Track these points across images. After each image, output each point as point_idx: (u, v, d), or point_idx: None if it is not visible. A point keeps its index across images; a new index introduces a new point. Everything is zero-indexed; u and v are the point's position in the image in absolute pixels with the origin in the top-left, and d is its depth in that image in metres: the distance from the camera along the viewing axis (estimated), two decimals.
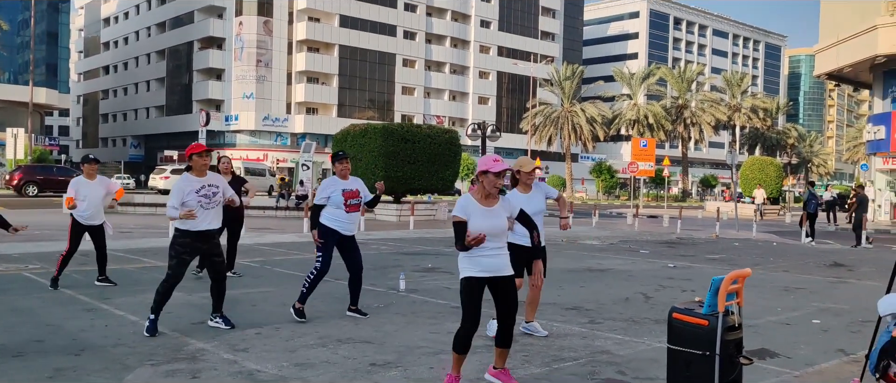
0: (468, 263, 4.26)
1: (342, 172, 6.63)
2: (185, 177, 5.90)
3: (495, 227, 4.27)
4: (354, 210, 6.61)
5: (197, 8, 64.96)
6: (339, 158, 6.66)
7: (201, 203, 5.85)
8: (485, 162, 4.32)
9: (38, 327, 6.08)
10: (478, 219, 4.21)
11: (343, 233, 6.58)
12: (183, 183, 5.84)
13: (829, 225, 27.39)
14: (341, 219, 6.56)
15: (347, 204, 6.53)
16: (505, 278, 4.31)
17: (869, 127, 32.58)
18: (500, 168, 4.25)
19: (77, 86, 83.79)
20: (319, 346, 5.59)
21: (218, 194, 5.99)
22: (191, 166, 5.96)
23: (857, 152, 75.92)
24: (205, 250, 5.97)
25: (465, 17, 73.98)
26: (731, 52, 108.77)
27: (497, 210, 4.31)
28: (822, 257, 14.31)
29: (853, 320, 7.24)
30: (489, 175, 4.26)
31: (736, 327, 3.75)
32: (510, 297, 4.33)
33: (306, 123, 63.45)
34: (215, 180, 6.03)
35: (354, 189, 6.62)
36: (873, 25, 28.07)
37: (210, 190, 5.93)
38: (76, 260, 8.93)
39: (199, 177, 5.92)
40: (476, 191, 4.33)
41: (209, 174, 6.01)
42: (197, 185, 5.87)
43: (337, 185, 6.56)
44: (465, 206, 4.25)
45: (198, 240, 5.88)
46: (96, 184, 8.03)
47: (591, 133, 62.24)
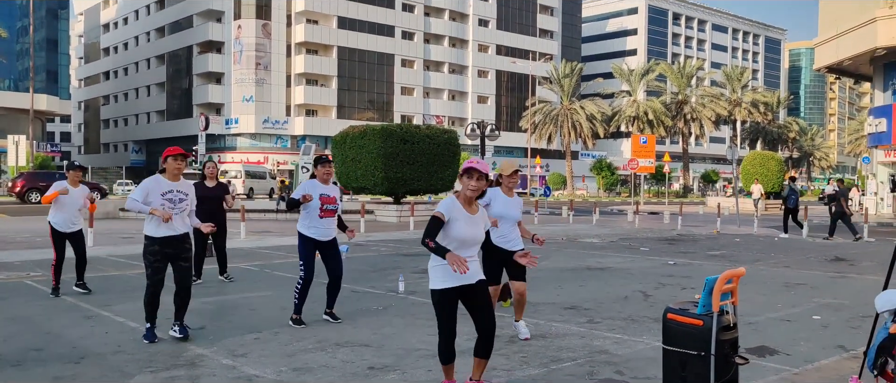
0: (440, 273, 4.02)
1: (324, 176, 6.55)
2: (155, 178, 5.85)
3: (476, 237, 4.10)
4: (329, 215, 6.49)
5: (196, 12, 65.03)
6: (323, 162, 6.60)
7: (165, 206, 5.75)
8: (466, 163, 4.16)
9: (37, 335, 6.08)
10: (461, 224, 4.02)
11: (320, 240, 6.50)
12: (151, 182, 5.79)
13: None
14: (317, 225, 6.47)
15: (323, 209, 6.44)
16: (478, 284, 4.10)
17: (870, 120, 32.56)
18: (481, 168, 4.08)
19: (78, 92, 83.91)
20: (318, 350, 5.60)
21: (185, 201, 5.87)
22: (164, 169, 5.87)
23: (859, 145, 75.87)
24: (172, 254, 5.86)
25: (462, 17, 73.98)
26: (731, 47, 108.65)
27: (477, 219, 4.14)
28: (823, 252, 14.29)
29: (854, 315, 7.23)
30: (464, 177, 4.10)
31: (731, 326, 3.75)
32: (486, 305, 4.10)
33: (306, 125, 63.49)
34: (186, 188, 5.94)
35: (332, 195, 6.55)
36: (873, 18, 28.04)
37: (177, 195, 5.83)
38: (69, 265, 8.94)
39: (170, 181, 5.85)
40: (460, 196, 4.15)
41: (181, 180, 5.92)
42: (164, 188, 5.79)
43: (316, 188, 6.49)
44: (451, 208, 4.04)
45: (165, 246, 5.79)
46: (78, 191, 7.99)
47: (590, 130, 62.21)
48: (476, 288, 4.09)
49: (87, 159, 79.37)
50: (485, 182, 4.11)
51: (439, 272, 4.03)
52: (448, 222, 3.98)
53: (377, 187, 23.85)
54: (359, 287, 8.79)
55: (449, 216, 3.99)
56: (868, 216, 20.71)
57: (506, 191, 5.94)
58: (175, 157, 5.85)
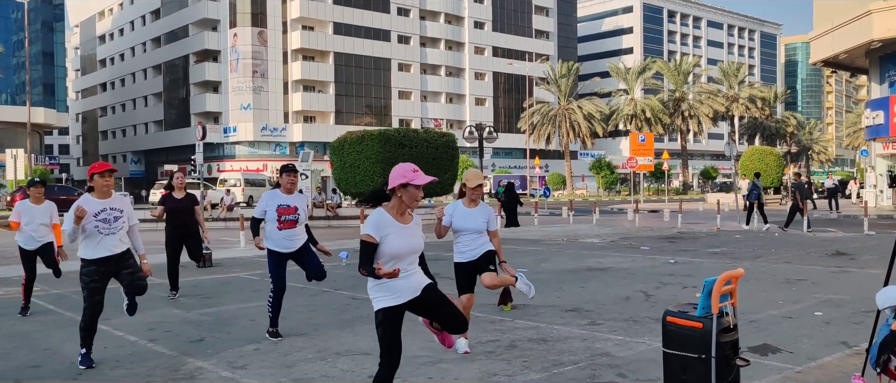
0: (380, 291, 3.71)
1: (287, 186, 6.34)
2: (84, 198, 5.36)
3: (413, 247, 3.77)
4: (289, 227, 6.27)
5: (191, 22, 65.06)
6: (288, 171, 6.40)
7: (98, 228, 5.32)
8: (403, 172, 3.71)
9: (35, 352, 6.05)
10: (395, 238, 3.68)
11: (283, 252, 6.30)
12: (83, 204, 5.27)
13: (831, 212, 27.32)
14: (275, 238, 6.26)
15: (281, 220, 6.23)
16: (424, 292, 3.82)
17: (867, 112, 32.56)
18: (423, 180, 3.73)
19: (75, 104, 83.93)
20: (318, 360, 5.56)
21: (121, 218, 5.45)
22: (92, 187, 5.45)
23: (857, 138, 75.85)
24: (115, 271, 5.48)
25: (458, 19, 74.03)
26: (727, 43, 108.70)
27: (412, 227, 3.79)
28: (823, 246, 14.26)
29: (856, 311, 7.20)
30: (410, 187, 3.70)
31: (731, 328, 3.72)
32: (437, 301, 3.85)
33: (304, 132, 63.49)
34: (119, 203, 5.50)
35: (292, 205, 6.30)
36: (867, 11, 28.04)
37: (112, 213, 5.39)
38: (75, 280, 8.90)
39: (100, 199, 5.39)
40: (391, 206, 3.76)
41: (113, 195, 5.49)
42: (97, 208, 5.33)
43: (275, 200, 6.29)
44: (379, 224, 3.67)
45: (104, 265, 5.41)
46: (40, 209, 7.66)
47: (589, 130, 62.22)
48: (425, 295, 3.82)
49: (86, 171, 79.27)
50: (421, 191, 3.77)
51: (380, 290, 3.72)
52: (380, 241, 3.66)
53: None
54: (358, 294, 8.75)
55: (379, 235, 3.66)
56: (868, 209, 20.69)
57: (468, 202, 5.81)
58: (101, 174, 5.38)
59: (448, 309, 3.89)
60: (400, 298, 3.72)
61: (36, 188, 7.70)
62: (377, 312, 3.75)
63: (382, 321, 3.71)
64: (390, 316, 3.71)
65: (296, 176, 6.43)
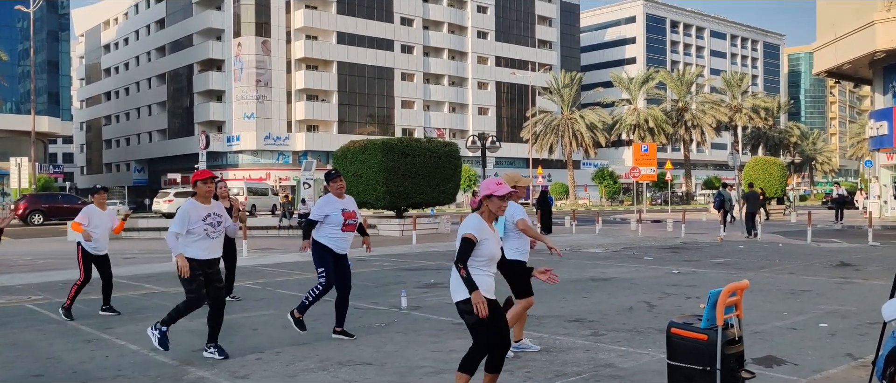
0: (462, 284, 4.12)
1: (338, 191, 6.60)
2: (191, 204, 5.82)
3: (499, 253, 4.28)
4: (351, 229, 6.57)
5: (195, 31, 65.34)
6: (333, 177, 6.62)
7: (207, 232, 5.79)
8: (489, 186, 4.24)
9: (37, 360, 6.04)
10: (491, 243, 4.17)
11: (337, 252, 6.55)
12: (191, 209, 5.77)
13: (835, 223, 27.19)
14: (338, 238, 6.52)
15: (346, 223, 6.51)
16: (493, 302, 4.20)
17: (871, 123, 32.48)
18: (505, 191, 4.20)
19: (79, 113, 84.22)
20: (320, 370, 5.54)
21: (222, 223, 5.94)
22: (196, 192, 5.88)
23: (861, 148, 75.75)
24: (209, 275, 5.92)
25: (461, 29, 74.23)
26: (730, 53, 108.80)
27: (497, 236, 4.31)
28: (828, 257, 14.21)
29: (861, 322, 7.16)
30: (494, 198, 4.18)
31: (736, 340, 3.69)
32: (500, 320, 4.21)
33: (307, 141, 63.60)
34: (219, 209, 5.99)
35: (352, 210, 6.61)
36: (871, 21, 28.03)
37: (215, 218, 5.87)
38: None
39: (204, 205, 5.86)
40: (483, 214, 4.25)
41: (213, 202, 5.97)
42: (203, 213, 5.81)
43: (336, 205, 6.52)
44: (480, 228, 4.16)
45: (203, 266, 5.85)
46: (106, 214, 8.05)
47: (591, 139, 62.19)
48: (493, 303, 4.18)
49: (90, 180, 79.53)
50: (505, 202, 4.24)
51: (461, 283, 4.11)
52: (479, 242, 4.10)
53: (379, 201, 23.82)
54: (361, 303, 8.73)
55: (480, 236, 4.11)
56: (872, 219, 20.62)
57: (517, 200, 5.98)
58: (205, 181, 5.84)
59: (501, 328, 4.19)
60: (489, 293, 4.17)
61: (100, 195, 8.06)
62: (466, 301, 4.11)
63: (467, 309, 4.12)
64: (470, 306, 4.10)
65: (342, 180, 6.69)
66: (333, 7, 64.97)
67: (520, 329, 6.03)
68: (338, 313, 6.71)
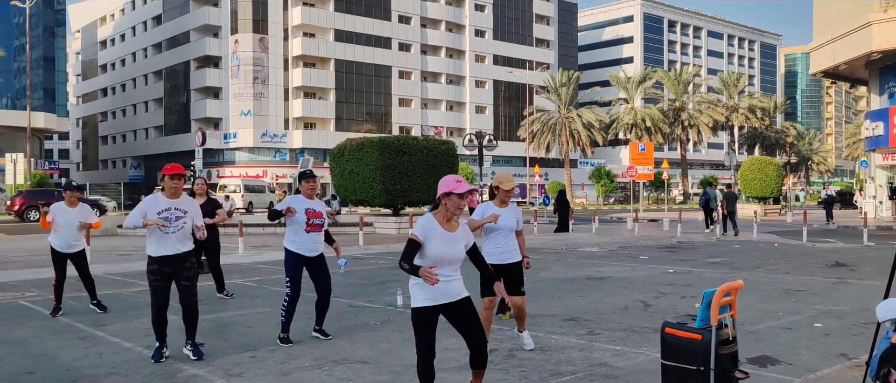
0: (420, 290, 3.97)
1: (308, 191, 6.50)
2: (153, 197, 5.82)
3: (453, 255, 4.02)
4: (316, 230, 6.43)
5: (193, 28, 65.18)
6: (307, 177, 6.55)
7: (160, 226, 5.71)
8: (447, 183, 4.05)
9: (30, 357, 6.01)
10: (437, 243, 3.95)
11: (307, 256, 6.45)
12: (150, 201, 5.76)
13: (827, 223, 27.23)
14: (303, 241, 6.41)
15: (309, 223, 6.39)
16: (460, 302, 4.04)
17: (867, 123, 32.56)
18: (464, 189, 4.02)
19: (75, 109, 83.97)
20: (314, 368, 5.53)
21: (183, 219, 5.78)
22: (163, 187, 5.85)
23: (857, 149, 75.90)
24: (173, 274, 5.79)
25: (459, 28, 74.18)
26: (727, 53, 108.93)
27: (457, 236, 4.06)
28: (823, 257, 14.23)
29: (855, 322, 7.17)
30: (453, 196, 4.00)
31: (730, 340, 3.69)
32: (471, 319, 4.06)
33: (304, 138, 63.51)
34: (185, 205, 5.87)
35: (318, 210, 6.49)
36: (867, 22, 28.09)
37: (175, 213, 5.76)
38: (72, 286, 8.89)
39: (168, 199, 5.80)
40: (438, 214, 4.06)
41: (182, 198, 5.87)
42: (161, 206, 5.74)
43: (301, 203, 6.44)
44: (426, 228, 3.98)
45: (165, 265, 5.73)
46: (75, 211, 7.94)
47: (589, 138, 62.25)
48: (459, 305, 4.03)
49: (86, 176, 79.34)
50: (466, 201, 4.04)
51: (420, 289, 3.96)
52: (424, 242, 3.93)
53: (376, 199, 23.80)
54: (357, 301, 8.72)
55: (424, 236, 3.93)
56: (867, 219, 20.67)
57: (500, 203, 5.94)
58: (172, 176, 5.78)
59: (475, 330, 4.06)
60: (435, 300, 3.96)
61: (71, 192, 7.99)
62: (413, 310, 3.99)
63: (416, 320, 3.97)
64: (423, 315, 3.96)
65: (316, 181, 6.60)
66: (331, 4, 64.87)
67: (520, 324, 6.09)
68: (318, 313, 6.62)
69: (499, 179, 5.94)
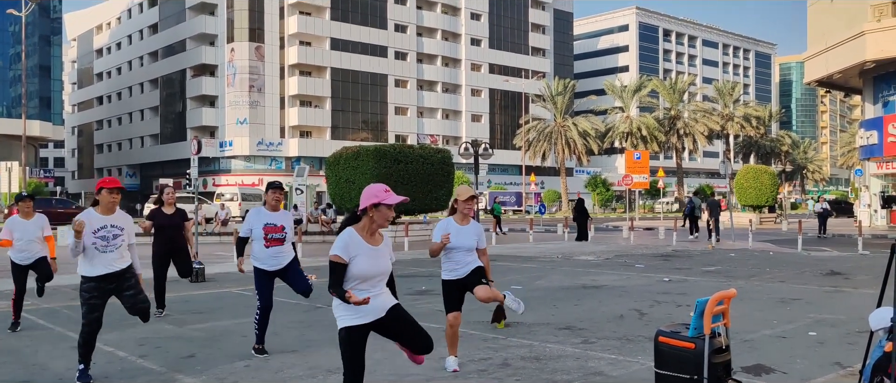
0: (344, 310, 3.72)
1: (273, 203, 6.37)
2: (87, 213, 5.34)
3: (381, 268, 3.78)
4: (276, 244, 6.29)
5: (189, 36, 65.24)
6: (274, 187, 6.43)
7: (96, 245, 5.28)
8: (375, 193, 3.73)
9: (23, 367, 5.98)
10: (364, 259, 3.69)
11: (268, 270, 6.32)
12: (85, 219, 5.24)
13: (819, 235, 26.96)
14: (261, 256, 6.30)
15: (267, 238, 6.26)
16: (389, 313, 3.83)
17: (861, 132, 32.73)
18: (395, 199, 3.74)
19: (71, 117, 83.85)
20: (308, 377, 5.51)
21: (120, 236, 5.39)
22: (97, 201, 5.40)
23: (852, 157, 76.22)
24: (114, 289, 5.43)
25: (455, 36, 74.38)
26: (722, 62, 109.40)
27: (382, 249, 3.81)
28: (818, 266, 14.26)
29: (850, 331, 7.18)
30: (382, 207, 3.70)
31: (723, 349, 3.69)
32: (402, 322, 3.87)
33: (300, 147, 63.50)
34: (121, 221, 5.44)
35: (279, 224, 6.33)
36: (861, 31, 28.27)
37: (111, 231, 5.34)
38: (66, 294, 8.86)
39: (102, 216, 5.35)
40: (361, 227, 3.75)
41: (117, 213, 5.44)
42: (97, 225, 5.29)
43: (260, 218, 6.31)
44: (347, 245, 3.67)
45: (103, 282, 5.35)
46: (31, 223, 7.59)
47: (584, 147, 62.36)
48: (389, 318, 3.84)
49: (81, 184, 79.15)
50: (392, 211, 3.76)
51: (344, 309, 3.73)
52: (350, 261, 3.67)
53: None
54: None
55: (348, 256, 3.66)
56: (862, 228, 20.73)
57: (460, 218, 5.70)
58: (110, 190, 5.36)
59: (412, 329, 3.89)
60: (363, 318, 3.73)
61: (24, 202, 7.64)
62: (340, 330, 3.75)
63: (345, 339, 3.73)
64: (353, 334, 3.74)
65: (281, 192, 6.48)
66: (327, 13, 65.00)
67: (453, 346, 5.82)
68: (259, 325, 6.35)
69: (456, 192, 5.72)
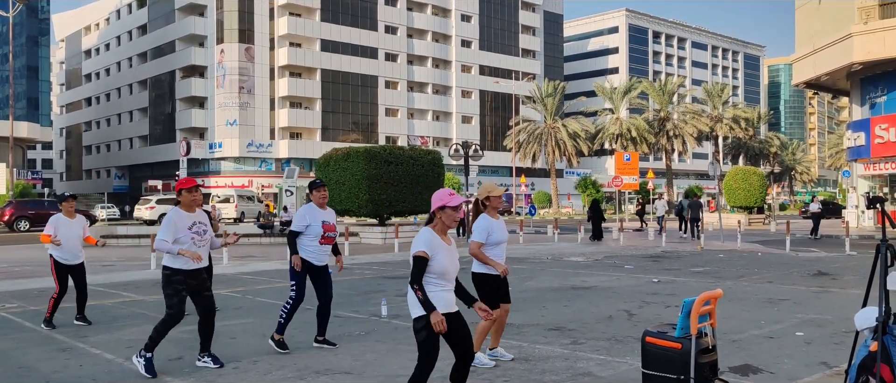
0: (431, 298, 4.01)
1: (320, 201, 6.51)
2: (176, 213, 5.72)
3: (455, 266, 4.11)
4: (328, 242, 6.50)
5: (178, 37, 64.95)
6: (317, 186, 6.55)
7: (194, 240, 5.69)
8: (441, 197, 4.15)
9: (9, 370, 5.94)
10: (443, 257, 4.03)
11: (315, 265, 6.50)
12: (176, 218, 5.67)
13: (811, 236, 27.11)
14: (315, 251, 6.47)
15: (325, 236, 6.44)
16: (455, 314, 4.12)
17: (849, 134, 32.97)
18: (457, 201, 4.12)
19: (59, 118, 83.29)
20: (297, 379, 5.50)
21: (207, 232, 5.86)
22: (179, 201, 5.78)
23: (840, 159, 76.77)
24: (195, 286, 5.80)
25: (445, 38, 74.43)
26: (711, 64, 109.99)
27: (453, 249, 4.15)
28: (806, 266, 14.36)
29: (837, 331, 7.24)
30: (447, 209, 4.11)
31: (710, 349, 3.71)
32: (463, 334, 4.12)
33: (290, 148, 63.34)
34: (203, 217, 5.91)
35: (332, 222, 6.54)
36: (848, 33, 28.48)
37: (201, 227, 5.79)
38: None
39: (189, 214, 5.77)
40: (436, 227, 4.13)
41: (197, 211, 5.87)
42: (188, 222, 5.72)
43: (317, 216, 6.44)
44: (431, 242, 4.03)
45: (190, 277, 5.72)
46: (75, 222, 7.88)
47: (574, 148, 62.50)
48: (455, 316, 4.09)
49: (70, 186, 78.59)
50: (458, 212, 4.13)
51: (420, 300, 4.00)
52: (432, 258, 3.99)
53: (362, 209, 23.75)
54: (341, 311, 8.69)
55: (432, 252, 4.00)
56: (849, 229, 20.89)
57: (492, 213, 5.76)
58: (190, 190, 5.75)
59: (467, 344, 4.13)
60: (443, 309, 4.01)
61: (68, 202, 7.88)
62: (421, 317, 3.99)
63: (426, 325, 3.95)
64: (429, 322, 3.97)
65: (325, 190, 6.58)
66: (318, 14, 64.90)
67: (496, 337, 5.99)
68: (319, 322, 6.66)
69: (488, 188, 5.78)
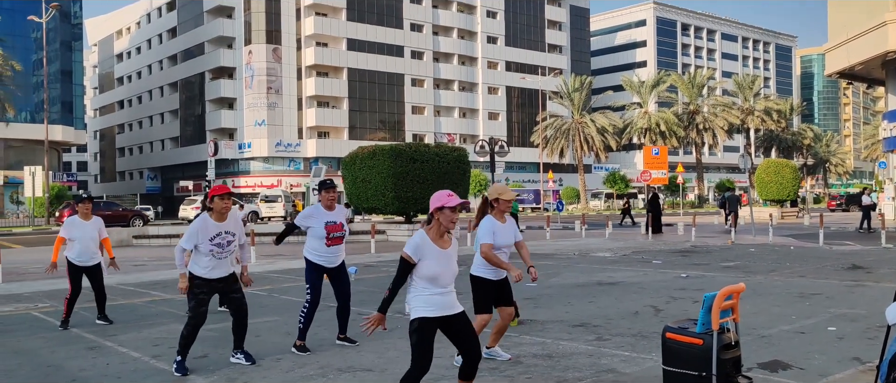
0: (421, 302, 3.98)
1: (328, 202, 6.43)
2: (203, 221, 5.62)
3: (449, 272, 4.01)
4: (337, 243, 6.40)
5: (207, 39, 65.78)
6: (327, 187, 6.50)
7: (213, 252, 5.61)
8: (440, 197, 4.03)
9: (38, 368, 6.04)
10: (432, 261, 3.93)
11: (327, 267, 6.45)
12: (201, 228, 5.58)
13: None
14: (323, 253, 6.40)
15: (329, 237, 6.35)
16: (456, 316, 4.05)
17: (885, 124, 32.17)
18: (456, 202, 4.00)
19: (93, 121, 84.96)
20: (319, 377, 5.51)
21: (233, 243, 5.74)
22: (211, 208, 5.68)
23: (876, 150, 74.99)
24: (222, 289, 5.81)
25: (471, 35, 74.25)
26: (741, 55, 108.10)
27: (451, 253, 4.03)
28: (839, 260, 14.03)
29: (870, 326, 7.05)
30: (445, 210, 3.98)
31: (733, 345, 3.62)
32: (469, 334, 4.08)
33: (318, 147, 63.78)
34: (233, 227, 5.74)
35: (339, 222, 6.43)
36: (882, 21, 27.75)
37: (225, 238, 5.65)
38: (84, 296, 8.93)
39: (217, 222, 5.65)
40: (432, 230, 4.02)
41: (228, 219, 5.71)
42: (213, 232, 5.60)
43: (320, 217, 6.37)
44: (419, 246, 3.93)
45: (213, 283, 5.74)
46: (90, 224, 7.96)
47: (602, 143, 61.97)
48: (456, 318, 4.05)
49: (104, 188, 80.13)
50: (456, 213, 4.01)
51: (420, 301, 3.98)
52: (418, 261, 3.91)
53: (388, 207, 23.81)
54: (365, 309, 8.69)
55: (418, 257, 3.91)
56: (885, 221, 20.36)
57: (498, 216, 5.67)
58: (222, 197, 5.64)
59: (471, 344, 4.09)
60: (435, 312, 3.96)
61: (84, 205, 8.00)
62: (413, 320, 3.97)
63: (417, 328, 3.93)
64: (424, 325, 3.95)
65: (335, 192, 6.55)
66: (343, 14, 65.21)
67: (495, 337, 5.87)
68: (340, 321, 6.67)
69: (499, 190, 5.68)
